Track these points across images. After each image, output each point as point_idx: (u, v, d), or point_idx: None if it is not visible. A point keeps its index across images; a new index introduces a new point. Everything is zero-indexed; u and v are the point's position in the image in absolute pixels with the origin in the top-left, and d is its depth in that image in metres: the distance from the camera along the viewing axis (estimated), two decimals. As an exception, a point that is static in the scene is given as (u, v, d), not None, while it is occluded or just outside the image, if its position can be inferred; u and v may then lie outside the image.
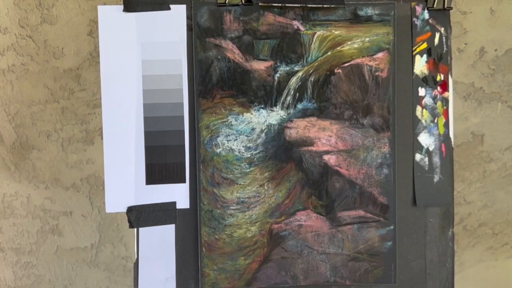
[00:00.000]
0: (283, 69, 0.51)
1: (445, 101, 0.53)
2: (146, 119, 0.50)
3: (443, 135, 0.53)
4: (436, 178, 0.53)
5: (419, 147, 0.52)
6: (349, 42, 0.51)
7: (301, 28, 0.50)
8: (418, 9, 0.52)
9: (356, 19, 0.51)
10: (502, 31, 0.68)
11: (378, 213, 0.52)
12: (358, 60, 0.51)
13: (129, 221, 0.49)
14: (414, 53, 0.52)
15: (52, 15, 0.61)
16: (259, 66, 0.50)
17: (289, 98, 0.51)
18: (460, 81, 0.69)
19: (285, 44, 0.50)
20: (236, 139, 0.50)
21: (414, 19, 0.52)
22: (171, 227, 0.51)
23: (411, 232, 0.52)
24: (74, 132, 0.66)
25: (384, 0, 0.51)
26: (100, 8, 0.48)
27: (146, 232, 0.50)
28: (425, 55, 0.52)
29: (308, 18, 0.50)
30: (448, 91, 0.53)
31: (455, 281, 0.54)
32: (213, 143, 0.50)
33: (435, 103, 0.53)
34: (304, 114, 0.51)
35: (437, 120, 0.53)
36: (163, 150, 0.50)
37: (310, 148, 0.51)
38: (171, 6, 0.49)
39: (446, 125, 0.53)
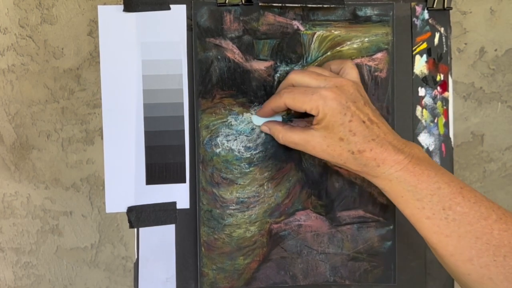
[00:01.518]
0: (283, 69, 0.51)
1: (445, 101, 0.53)
2: (146, 119, 0.50)
3: (443, 135, 0.53)
4: (436, 178, 0.53)
5: (419, 147, 0.52)
6: (348, 42, 0.51)
7: (301, 28, 0.50)
8: (418, 9, 0.52)
9: (355, 19, 0.51)
10: (502, 31, 0.68)
11: (377, 213, 0.52)
12: (357, 60, 0.51)
13: (129, 221, 0.50)
14: (414, 53, 0.52)
15: (52, 15, 0.61)
16: (259, 66, 0.50)
17: (289, 98, 0.51)
18: (460, 81, 0.69)
19: (285, 44, 0.50)
20: (236, 139, 0.50)
21: (414, 19, 0.52)
22: (171, 227, 0.51)
23: (411, 232, 0.52)
24: (74, 132, 0.66)
25: (383, 0, 0.51)
26: (100, 8, 0.48)
27: (146, 232, 0.50)
28: (425, 55, 0.52)
29: (308, 18, 0.50)
30: (448, 91, 0.53)
31: (455, 282, 0.54)
32: (213, 143, 0.50)
33: (435, 103, 0.53)
34: (304, 114, 0.51)
35: (437, 120, 0.53)
36: (163, 150, 0.50)
37: (310, 148, 0.51)
38: (171, 6, 0.49)
39: (446, 125, 0.53)
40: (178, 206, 0.50)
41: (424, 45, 0.52)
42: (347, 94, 0.43)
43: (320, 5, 0.49)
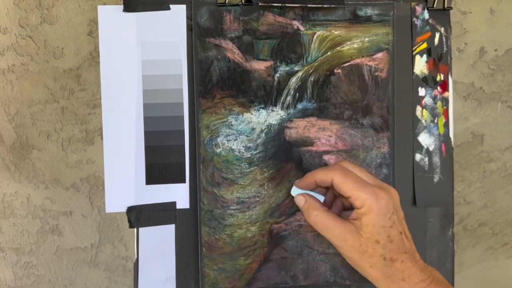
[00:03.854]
0: (283, 69, 0.51)
1: (445, 101, 0.53)
2: (146, 119, 0.50)
3: (443, 135, 0.53)
4: (436, 178, 0.53)
5: (419, 147, 0.52)
6: (348, 42, 0.51)
7: (301, 28, 0.50)
8: (418, 9, 0.52)
9: (355, 19, 0.51)
10: (502, 31, 0.67)
11: (378, 213, 0.51)
12: (358, 60, 0.51)
13: (129, 221, 0.49)
14: (414, 53, 0.52)
15: (52, 15, 0.61)
16: (259, 66, 0.50)
17: (289, 98, 0.51)
18: (460, 81, 0.69)
19: (285, 44, 0.50)
20: (236, 139, 0.50)
21: (414, 19, 0.52)
22: (171, 227, 0.51)
23: (411, 232, 0.52)
24: (74, 132, 0.66)
25: (383, 0, 0.51)
26: (100, 8, 0.48)
27: (146, 232, 0.50)
28: (425, 55, 0.52)
29: (308, 18, 0.50)
30: (448, 91, 0.53)
31: (455, 281, 0.54)
32: (213, 143, 0.50)
33: (435, 103, 0.53)
34: (304, 114, 0.51)
35: (437, 120, 0.53)
36: (163, 150, 0.50)
37: (310, 148, 0.51)
38: (171, 6, 0.49)
39: (446, 125, 0.53)
40: (178, 206, 0.50)
41: (424, 45, 0.52)
42: (394, 200, 0.42)
43: (320, 5, 0.49)
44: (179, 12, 0.49)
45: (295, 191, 0.47)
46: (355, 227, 0.42)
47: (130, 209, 0.49)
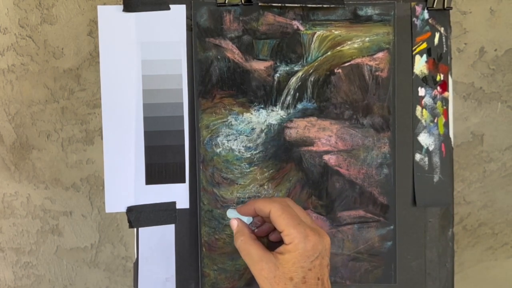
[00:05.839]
0: (283, 69, 0.51)
1: (445, 101, 0.53)
2: (146, 119, 0.50)
3: (443, 135, 0.53)
4: (436, 178, 0.53)
5: (419, 147, 0.52)
6: (349, 42, 0.51)
7: (301, 28, 0.50)
8: (418, 9, 0.52)
9: (356, 19, 0.51)
10: (502, 31, 0.68)
11: (378, 213, 0.52)
12: (358, 60, 0.51)
13: (129, 221, 0.49)
14: (414, 53, 0.52)
15: (52, 15, 0.61)
16: (259, 66, 0.50)
17: (289, 98, 0.51)
18: (460, 81, 0.69)
19: (285, 44, 0.50)
20: (236, 139, 0.50)
21: (414, 19, 0.52)
22: (171, 227, 0.51)
23: (411, 232, 0.52)
24: (74, 132, 0.66)
25: (384, 0, 0.51)
26: (100, 8, 0.48)
27: (146, 232, 0.50)
28: (425, 55, 0.52)
29: (308, 18, 0.50)
30: (448, 91, 0.53)
31: (455, 281, 0.54)
32: (213, 143, 0.50)
33: (435, 103, 0.53)
34: (304, 114, 0.51)
35: (437, 120, 0.53)
36: (163, 150, 0.50)
37: (310, 148, 0.51)
38: (170, 6, 0.49)
39: (446, 125, 0.53)
40: (178, 206, 0.50)
41: (424, 45, 0.52)
42: (323, 245, 0.42)
43: (320, 5, 0.49)
44: (179, 12, 0.49)
45: (230, 213, 0.47)
46: (275, 260, 0.42)
47: (130, 209, 0.49)
